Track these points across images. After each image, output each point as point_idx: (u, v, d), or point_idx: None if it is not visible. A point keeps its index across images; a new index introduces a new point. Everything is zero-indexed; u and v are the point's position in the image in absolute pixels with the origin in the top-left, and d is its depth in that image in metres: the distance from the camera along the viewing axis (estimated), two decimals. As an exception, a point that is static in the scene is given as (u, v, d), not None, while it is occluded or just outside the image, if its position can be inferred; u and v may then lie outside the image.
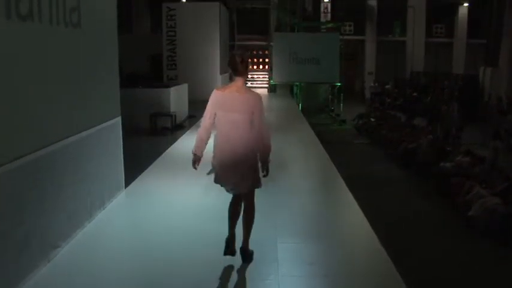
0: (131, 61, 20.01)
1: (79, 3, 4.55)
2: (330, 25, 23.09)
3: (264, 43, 26.80)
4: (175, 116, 11.26)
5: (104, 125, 5.27)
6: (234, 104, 3.73)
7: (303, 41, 19.50)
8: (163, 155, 8.39)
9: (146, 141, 10.13)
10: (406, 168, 11.36)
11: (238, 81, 3.80)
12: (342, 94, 20.01)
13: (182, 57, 18.40)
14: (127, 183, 6.16)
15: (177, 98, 12.17)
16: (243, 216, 3.95)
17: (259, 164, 3.82)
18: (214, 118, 3.81)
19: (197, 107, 15.53)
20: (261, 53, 27.79)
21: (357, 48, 30.75)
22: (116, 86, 5.77)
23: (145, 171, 7.16)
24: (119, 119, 5.82)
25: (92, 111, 4.98)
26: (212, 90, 3.91)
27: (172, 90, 11.75)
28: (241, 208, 3.95)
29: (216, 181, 3.91)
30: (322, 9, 27.12)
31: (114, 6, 5.67)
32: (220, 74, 19.07)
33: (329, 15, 26.92)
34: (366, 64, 31.07)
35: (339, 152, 11.88)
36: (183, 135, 10.51)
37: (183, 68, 18.33)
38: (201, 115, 8.86)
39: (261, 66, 27.56)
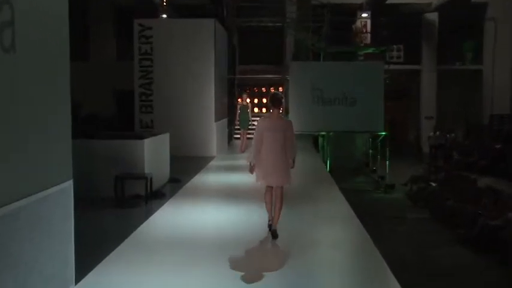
0: (89, 98, 20.38)
1: (13, 17, 4.59)
2: (370, 50, 23.47)
3: (276, 77, 27.23)
4: (151, 179, 11.26)
5: (47, 192, 5.21)
6: (276, 126, 8.12)
7: (332, 73, 19.80)
8: (132, 236, 8.32)
9: (109, 215, 10.10)
10: (486, 254, 11.13)
11: (276, 111, 8.29)
12: (387, 148, 20.05)
13: (162, 95, 18.82)
14: (79, 276, 6.07)
15: (153, 153, 12.25)
16: (275, 204, 8.24)
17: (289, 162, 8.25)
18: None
19: (183, 167, 15.90)
20: (272, 90, 28.17)
21: (410, 82, 31.02)
22: (66, 136, 5.75)
23: (106, 259, 7.08)
24: (69, 184, 5.77)
25: (29, 172, 4.92)
26: (205, 143, 6.76)
27: (148, 143, 11.82)
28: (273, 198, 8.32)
29: (259, 180, 8.24)
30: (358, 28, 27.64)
31: (65, 23, 5.72)
32: (216, 120, 19.32)
33: (369, 36, 27.35)
34: (422, 104, 31.19)
35: (385, 231, 11.67)
36: (163, 207, 10.48)
37: (162, 111, 18.68)
38: (188, 179, 12.90)
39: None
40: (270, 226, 8.42)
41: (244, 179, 13.91)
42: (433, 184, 17.49)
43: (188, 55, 18.80)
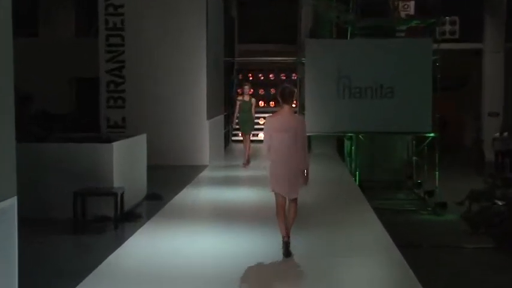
0: (40, 89, 20.30)
1: None
2: (414, 23, 23.38)
3: (288, 59, 27.16)
4: (122, 195, 11.24)
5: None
6: (286, 126, 8.83)
7: (363, 54, 19.79)
8: (96, 270, 8.27)
9: (66, 242, 10.09)
10: None
11: (285, 107, 9.01)
12: (437, 154, 19.99)
13: (137, 84, 18.85)
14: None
15: (126, 161, 12.29)
16: (288, 215, 9.03)
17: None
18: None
19: (165, 179, 15.91)
20: (283, 77, 28.11)
21: (468, 65, 30.88)
22: (8, 139, 5.73)
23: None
24: (12, 202, 5.75)
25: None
26: (194, 147, 17.06)
27: (118, 148, 11.82)
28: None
29: (273, 189, 9.05)
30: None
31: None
32: (209, 118, 19.43)
33: (412, 4, 27.13)
34: (484, 96, 31.05)
35: (435, 266, 11.59)
36: (138, 233, 10.49)
37: (138, 106, 18.76)
38: (172, 195, 13.46)
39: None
40: (285, 244, 8.92)
41: (247, 195, 13.96)
42: (500, 203, 17.41)
43: (171, 31, 18.79)
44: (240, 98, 20.51)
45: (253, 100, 19.99)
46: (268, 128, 9.04)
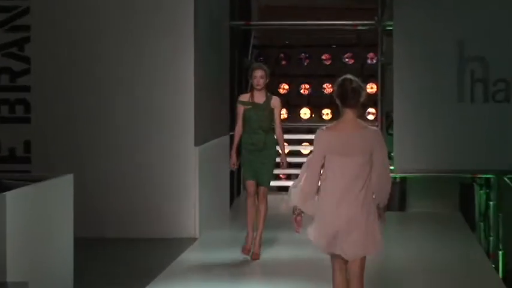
0: None
1: None
2: None
3: (360, 24, 27.07)
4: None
5: None
6: (349, 145, 9.65)
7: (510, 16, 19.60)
8: None
9: None
10: None
11: (349, 114, 9.74)
12: None
13: (53, 76, 18.96)
14: None
15: (33, 230, 12.14)
16: (351, 284, 10.04)
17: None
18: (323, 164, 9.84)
19: (112, 267, 16.20)
20: (348, 60, 28.04)
21: None
22: None
23: None
24: None
25: None
26: (170, 204, 18.55)
27: (15, 202, 11.57)
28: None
29: (317, 244, 9.90)
30: None
31: None
32: (199, 142, 19.54)
33: None
34: None
35: None
36: None
37: (54, 118, 18.86)
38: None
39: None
40: None
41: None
42: None
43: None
44: (242, 98, 17.66)
45: (274, 101, 17.07)
46: (320, 148, 9.69)
